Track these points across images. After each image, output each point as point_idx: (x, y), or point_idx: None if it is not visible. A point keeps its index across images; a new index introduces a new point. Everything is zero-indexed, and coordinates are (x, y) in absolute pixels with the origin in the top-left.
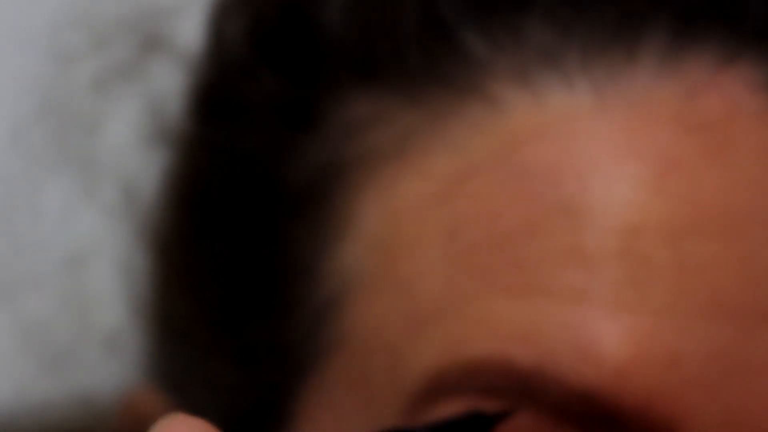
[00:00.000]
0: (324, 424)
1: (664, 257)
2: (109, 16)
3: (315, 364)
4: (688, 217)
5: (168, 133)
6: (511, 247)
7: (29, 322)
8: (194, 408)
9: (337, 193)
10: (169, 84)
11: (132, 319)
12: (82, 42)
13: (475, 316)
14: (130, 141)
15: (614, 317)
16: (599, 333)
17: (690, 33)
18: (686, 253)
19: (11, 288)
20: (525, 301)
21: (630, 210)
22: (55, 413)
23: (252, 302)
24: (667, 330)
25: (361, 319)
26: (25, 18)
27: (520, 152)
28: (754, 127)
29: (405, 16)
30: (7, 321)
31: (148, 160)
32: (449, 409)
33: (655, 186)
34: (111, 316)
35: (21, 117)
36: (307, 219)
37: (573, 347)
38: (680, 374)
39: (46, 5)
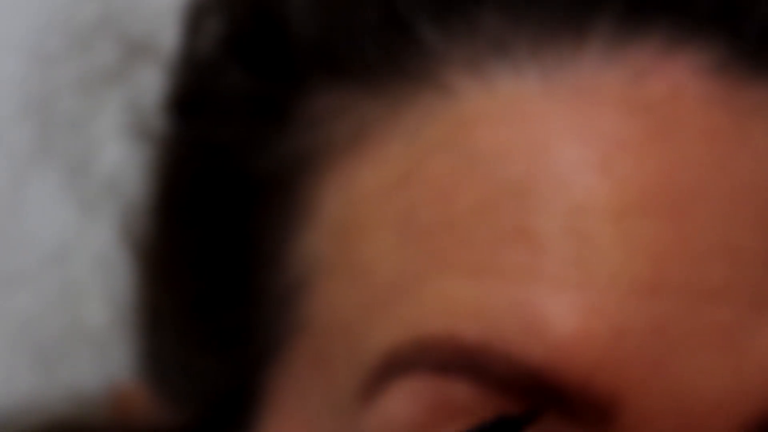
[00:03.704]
0: (290, 405)
1: (608, 235)
2: (91, 19)
3: (280, 348)
4: (631, 197)
5: (150, 131)
6: (462, 228)
7: (16, 319)
8: (175, 396)
9: (302, 183)
10: (150, 84)
11: (116, 312)
12: (65, 45)
13: (427, 296)
14: (112, 139)
15: (559, 294)
16: (544, 309)
17: (637, 20)
18: (629, 231)
19: None
20: (474, 279)
21: (576, 190)
22: (42, 408)
23: (223, 290)
24: (611, 306)
25: (321, 303)
26: (7, 22)
27: (470, 136)
28: (697, 109)
29: (364, 10)
30: None
31: (130, 157)
32: (403, 385)
33: (600, 167)
34: (97, 310)
35: (4, 116)
36: (274, 209)
37: (519, 323)
38: (623, 349)
39: (27, 9)
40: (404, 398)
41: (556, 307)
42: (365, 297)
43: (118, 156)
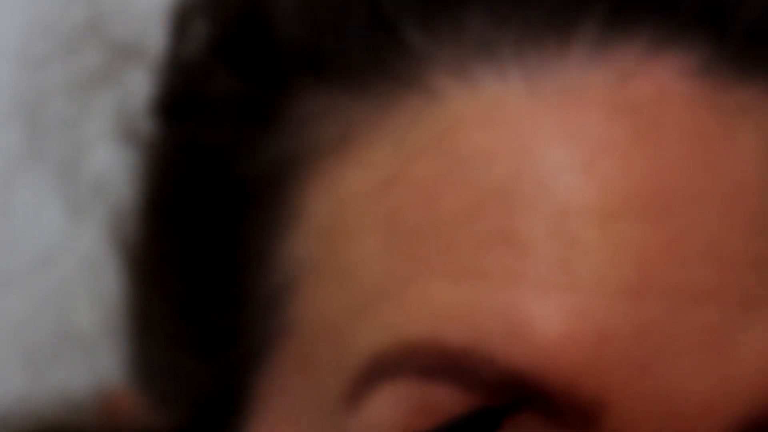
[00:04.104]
0: (277, 408)
1: (593, 238)
2: (79, 23)
3: (267, 351)
4: (617, 199)
5: (138, 135)
6: (446, 231)
7: (5, 321)
8: (164, 399)
9: (289, 185)
10: (139, 87)
11: (106, 315)
12: (53, 48)
13: (411, 300)
14: (101, 142)
15: (544, 297)
16: (529, 313)
17: (622, 21)
18: (615, 233)
19: None
20: (459, 283)
21: (560, 193)
22: (32, 411)
23: (211, 292)
24: (596, 309)
25: (307, 306)
26: None
27: (454, 139)
28: (683, 111)
29: (350, 12)
30: None
31: (118, 161)
32: (388, 389)
33: (585, 169)
34: (86, 313)
35: None
36: (261, 211)
37: (503, 327)
38: (608, 353)
39: (15, 12)
40: (389, 402)
41: (541, 310)
42: (351, 300)
43: (106, 159)
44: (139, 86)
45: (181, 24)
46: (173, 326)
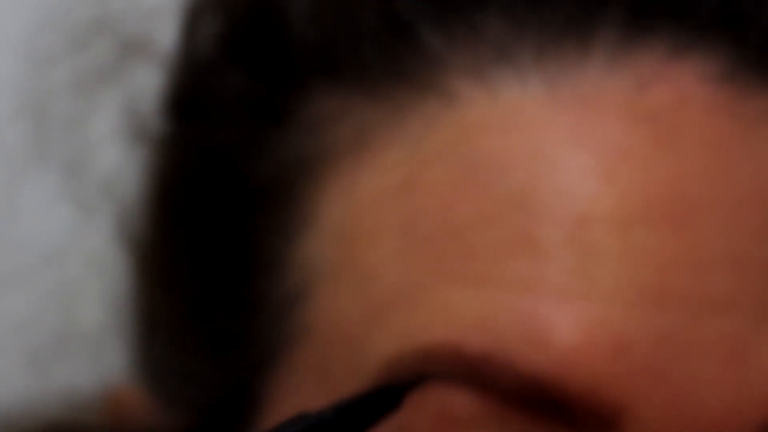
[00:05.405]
0: (289, 413)
1: (612, 246)
2: (86, 19)
3: (281, 355)
4: (636, 207)
5: (146, 133)
6: (463, 237)
7: (10, 320)
8: (171, 400)
9: (302, 187)
10: (147, 84)
11: (112, 314)
12: (60, 45)
13: (428, 306)
14: (109, 140)
15: (563, 305)
16: (548, 320)
17: (641, 26)
18: (634, 241)
19: None
20: (477, 289)
21: (579, 200)
22: (37, 411)
23: (222, 294)
24: (615, 317)
25: (322, 310)
26: (2, 22)
27: (472, 144)
28: (703, 117)
29: (365, 14)
30: None
31: (126, 159)
32: (405, 396)
33: (604, 176)
34: (92, 313)
35: None
36: (273, 213)
37: (522, 334)
38: (627, 361)
39: (22, 9)
40: (406, 408)
41: (560, 317)
42: (367, 305)
43: (114, 157)
44: (148, 84)
45: (191, 21)
46: (182, 327)
